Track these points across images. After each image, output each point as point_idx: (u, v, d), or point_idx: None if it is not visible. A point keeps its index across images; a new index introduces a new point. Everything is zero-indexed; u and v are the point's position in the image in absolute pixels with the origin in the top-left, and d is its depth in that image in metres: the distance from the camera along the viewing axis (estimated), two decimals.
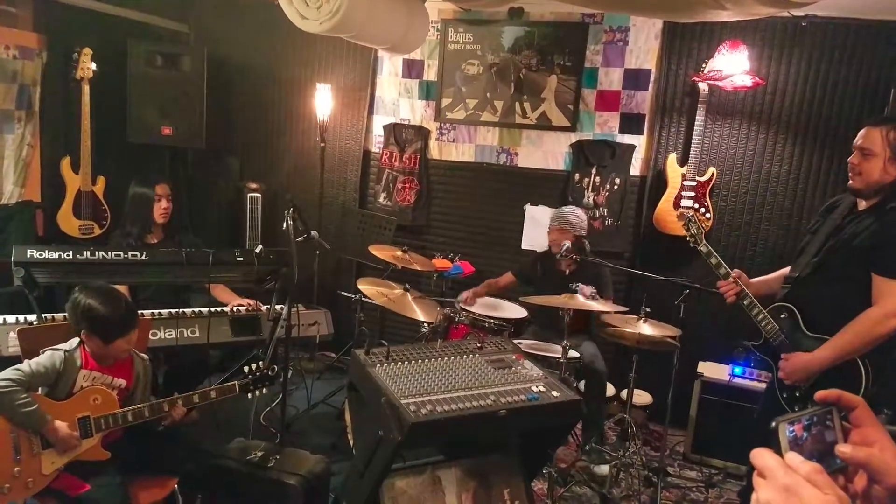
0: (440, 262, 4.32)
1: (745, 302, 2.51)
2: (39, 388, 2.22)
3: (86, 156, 4.11)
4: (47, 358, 2.23)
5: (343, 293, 4.22)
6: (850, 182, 2.33)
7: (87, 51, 4.06)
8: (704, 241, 2.65)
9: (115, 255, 2.86)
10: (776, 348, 2.44)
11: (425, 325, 3.60)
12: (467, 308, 3.68)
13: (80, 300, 2.28)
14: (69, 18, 4.19)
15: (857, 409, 0.74)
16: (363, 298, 3.74)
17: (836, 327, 2.28)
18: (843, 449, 0.71)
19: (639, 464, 3.41)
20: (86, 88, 4.07)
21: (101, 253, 2.84)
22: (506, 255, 4.54)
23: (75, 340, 2.32)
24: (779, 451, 0.68)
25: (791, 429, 0.70)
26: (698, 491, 3.45)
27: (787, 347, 2.41)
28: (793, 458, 0.66)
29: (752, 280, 2.62)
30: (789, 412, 1.07)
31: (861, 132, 2.31)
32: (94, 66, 4.08)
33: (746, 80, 3.72)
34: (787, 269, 2.63)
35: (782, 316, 2.45)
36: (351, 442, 3.00)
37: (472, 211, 4.66)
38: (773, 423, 0.70)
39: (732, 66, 3.72)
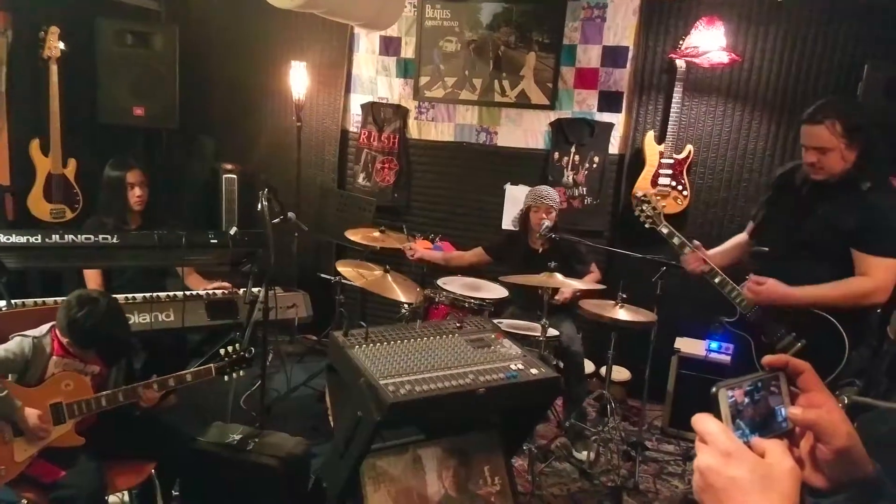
0: (421, 243, 4.30)
1: (717, 280, 2.51)
2: (9, 376, 2.17)
3: (55, 138, 4.00)
4: (16, 344, 2.19)
5: (323, 275, 4.19)
6: (814, 176, 2.32)
7: (55, 29, 3.94)
8: (665, 222, 2.60)
9: (86, 239, 2.80)
10: (752, 322, 2.46)
11: (405, 306, 3.59)
12: (445, 288, 3.67)
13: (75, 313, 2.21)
14: None
15: (804, 373, 0.75)
16: (343, 280, 3.72)
17: None
18: (793, 411, 0.73)
19: (618, 439, 3.45)
20: (54, 68, 3.96)
21: (71, 236, 2.78)
22: (487, 234, 4.51)
23: (45, 327, 2.28)
24: (720, 417, 0.69)
25: (731, 394, 0.71)
26: (676, 464, 3.51)
27: (763, 318, 2.42)
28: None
29: (709, 251, 2.61)
30: None
31: (804, 131, 2.29)
32: (61, 45, 3.96)
33: (723, 57, 3.72)
34: (742, 237, 2.66)
35: None
36: (332, 424, 3.00)
37: (452, 191, 4.63)
38: (714, 389, 0.71)
39: (709, 43, 3.72)
